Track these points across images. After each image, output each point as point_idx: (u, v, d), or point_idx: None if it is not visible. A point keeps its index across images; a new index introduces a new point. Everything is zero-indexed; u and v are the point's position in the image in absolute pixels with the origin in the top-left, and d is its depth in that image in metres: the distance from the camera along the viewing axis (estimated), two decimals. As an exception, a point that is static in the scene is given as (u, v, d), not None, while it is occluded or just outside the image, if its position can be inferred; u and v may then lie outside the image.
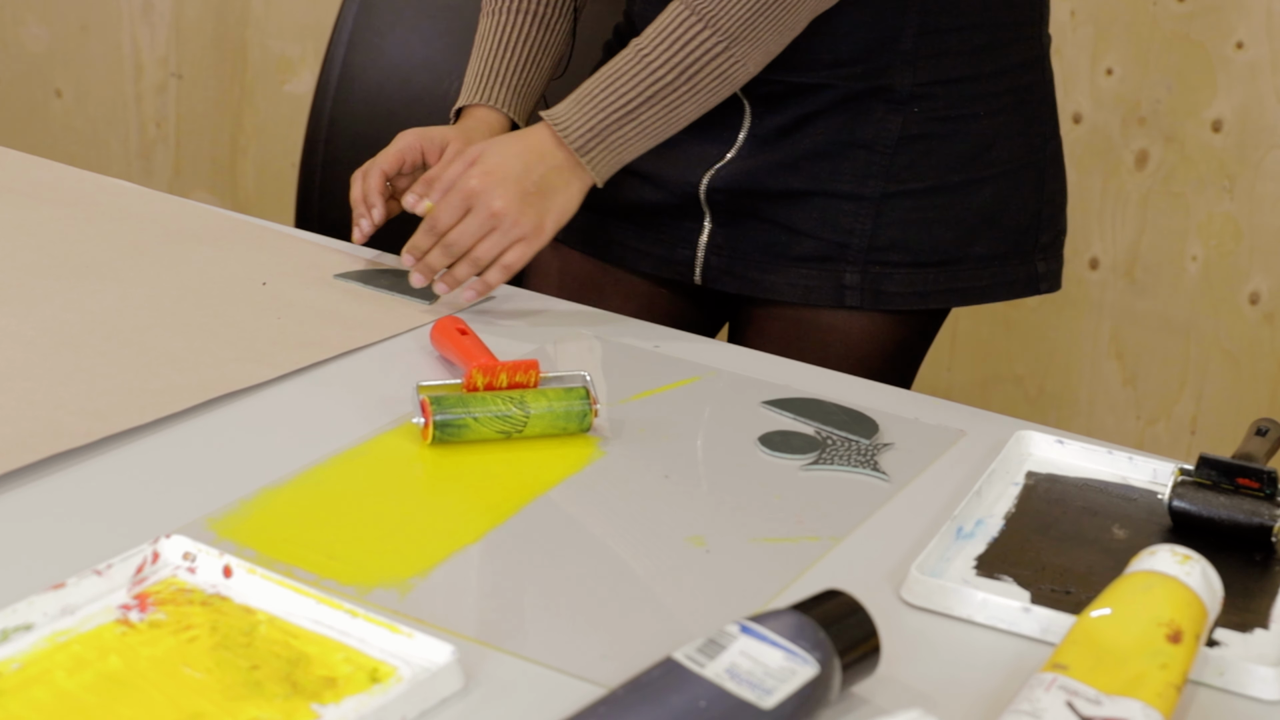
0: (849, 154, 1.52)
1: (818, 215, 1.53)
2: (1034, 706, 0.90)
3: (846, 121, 1.52)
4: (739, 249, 1.56)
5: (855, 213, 1.53)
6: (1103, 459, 1.23)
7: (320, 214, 2.02)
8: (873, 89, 1.51)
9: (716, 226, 1.56)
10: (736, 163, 1.54)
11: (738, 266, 1.56)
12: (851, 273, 1.53)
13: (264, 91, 3.08)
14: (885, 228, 1.53)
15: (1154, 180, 2.48)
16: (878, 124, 1.52)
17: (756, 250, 1.56)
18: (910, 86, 1.51)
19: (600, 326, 1.44)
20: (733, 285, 1.57)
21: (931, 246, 1.53)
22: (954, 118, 1.53)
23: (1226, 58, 2.40)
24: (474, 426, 1.20)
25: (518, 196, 1.40)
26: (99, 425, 1.18)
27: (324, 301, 1.42)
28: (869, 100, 1.51)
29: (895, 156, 1.52)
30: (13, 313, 1.35)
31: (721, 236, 1.57)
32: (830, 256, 1.53)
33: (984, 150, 1.55)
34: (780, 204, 1.54)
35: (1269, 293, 2.45)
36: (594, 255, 1.64)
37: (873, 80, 1.51)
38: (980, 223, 1.55)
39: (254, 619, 0.97)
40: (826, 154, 1.53)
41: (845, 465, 1.22)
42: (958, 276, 1.55)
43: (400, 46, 2.00)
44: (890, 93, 1.51)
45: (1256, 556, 1.12)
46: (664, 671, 0.89)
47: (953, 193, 1.54)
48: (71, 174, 1.69)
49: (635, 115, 1.43)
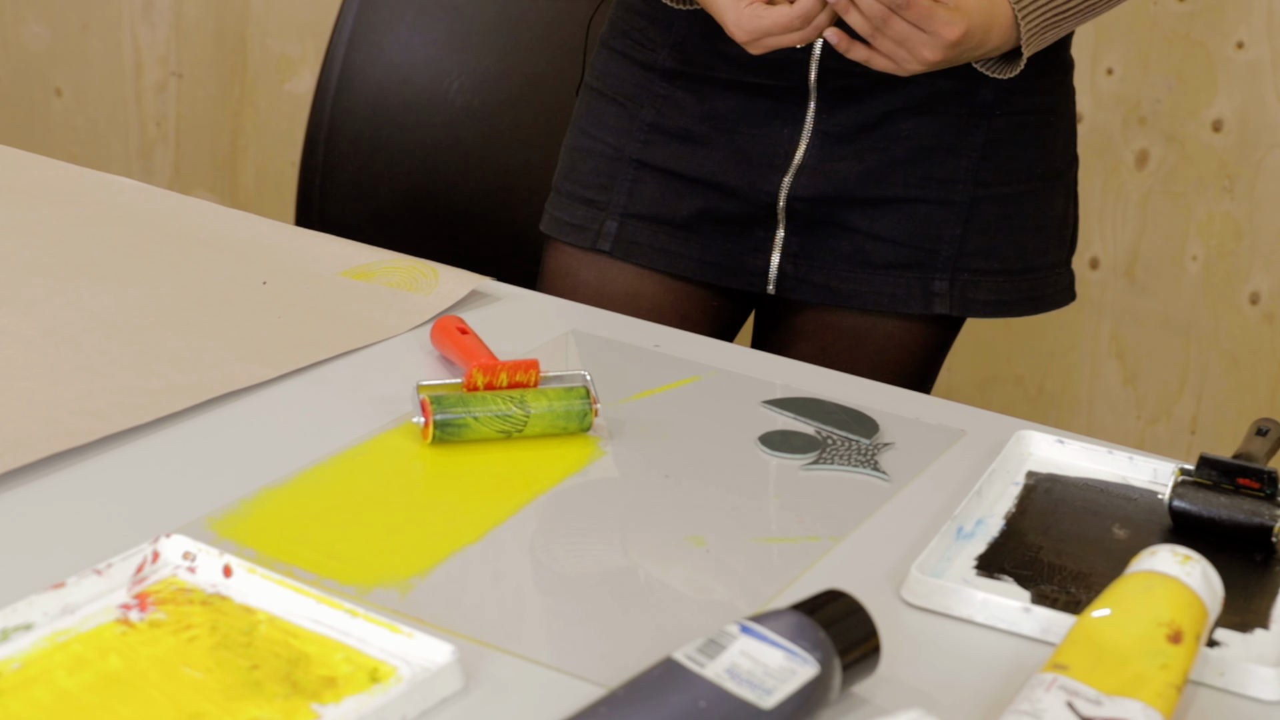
0: (938, 160, 1.52)
1: (905, 222, 1.51)
2: (1034, 706, 0.90)
3: (930, 126, 1.51)
4: (816, 257, 1.54)
5: (945, 219, 1.51)
6: (1103, 459, 1.23)
7: (320, 213, 2.03)
8: (954, 91, 1.50)
9: (791, 235, 1.54)
10: (812, 166, 1.51)
11: (816, 275, 1.54)
12: (941, 280, 1.52)
13: (264, 91, 3.08)
14: (973, 234, 1.52)
15: (1154, 180, 2.48)
16: (964, 129, 1.51)
17: (836, 258, 1.53)
18: (992, 93, 1.50)
19: (601, 326, 1.44)
20: (810, 294, 1.55)
21: (1017, 253, 1.52)
22: (1030, 121, 1.53)
23: (1227, 58, 2.40)
24: (474, 426, 1.20)
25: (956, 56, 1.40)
26: (99, 425, 1.18)
27: (324, 301, 1.42)
28: (952, 103, 1.50)
29: (983, 161, 1.51)
30: (13, 312, 1.35)
31: (797, 245, 1.54)
32: (919, 264, 1.52)
33: (1048, 152, 1.55)
34: (865, 211, 1.52)
35: (1269, 293, 2.45)
36: (655, 269, 1.58)
37: (954, 82, 1.49)
38: (1050, 229, 1.55)
39: (254, 618, 0.97)
40: (914, 159, 1.51)
41: (845, 465, 1.22)
42: (1035, 285, 1.55)
43: (400, 46, 2.00)
44: (973, 96, 1.50)
45: (1257, 556, 1.12)
46: (664, 671, 0.89)
47: (1034, 198, 1.54)
48: (72, 172, 1.68)
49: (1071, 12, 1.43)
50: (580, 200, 1.61)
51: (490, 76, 1.99)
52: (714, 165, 1.54)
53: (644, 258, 1.58)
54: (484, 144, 1.99)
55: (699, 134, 1.54)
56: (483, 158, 1.99)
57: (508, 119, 1.98)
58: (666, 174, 1.57)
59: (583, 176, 1.61)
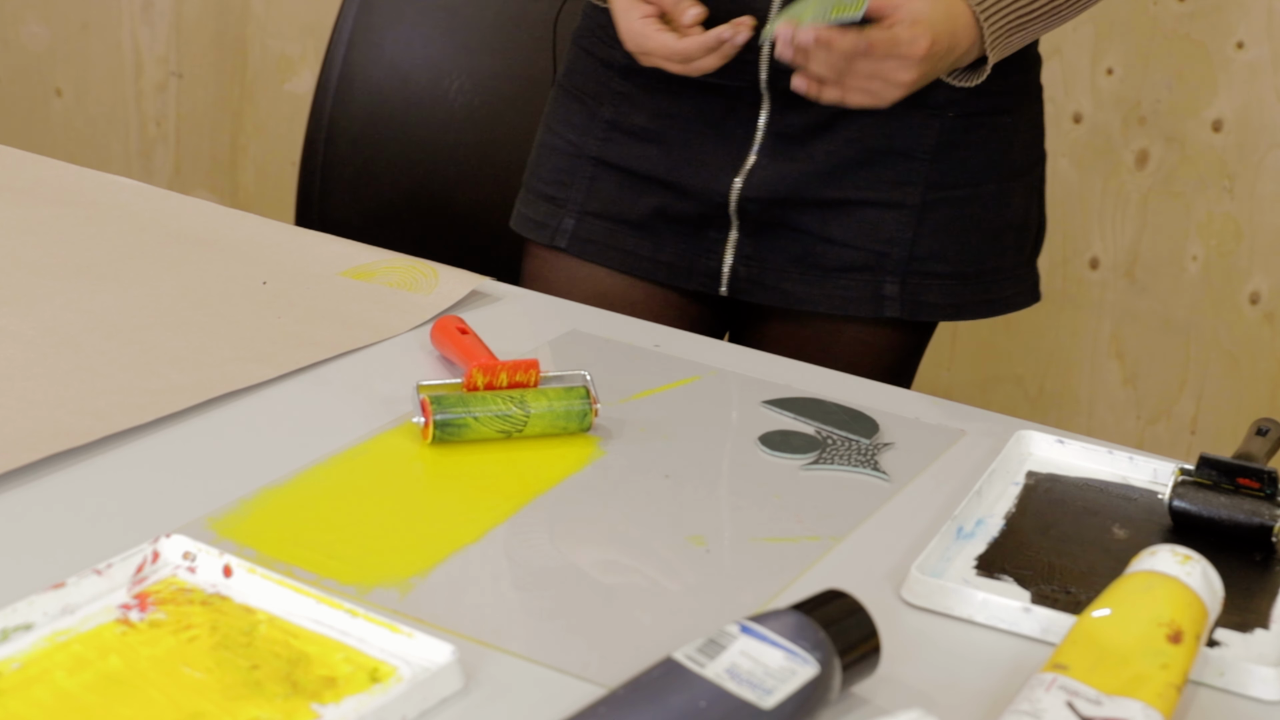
0: (888, 161, 1.50)
1: (856, 224, 1.50)
2: (1034, 706, 0.90)
3: (883, 127, 1.49)
4: (769, 259, 1.53)
5: (896, 221, 1.50)
6: (1103, 459, 1.23)
7: (320, 213, 2.03)
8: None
9: (744, 236, 1.53)
10: (765, 166, 1.50)
11: (769, 277, 1.53)
12: (891, 283, 1.50)
13: (264, 91, 3.08)
14: (925, 237, 1.51)
15: (1154, 180, 2.48)
16: (916, 130, 1.50)
17: (788, 260, 1.52)
18: (947, 94, 1.48)
19: (600, 326, 1.44)
20: (762, 296, 1.54)
21: (970, 256, 1.51)
22: (984, 122, 1.51)
23: (1227, 58, 2.40)
24: (474, 426, 1.20)
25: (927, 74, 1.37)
26: (99, 425, 1.18)
27: (324, 301, 1.42)
28: (903, 105, 1.47)
29: (934, 163, 1.50)
30: (13, 312, 1.35)
31: (750, 246, 1.53)
32: (869, 266, 1.51)
33: (1006, 152, 1.53)
34: (817, 213, 1.51)
35: (1269, 293, 2.45)
36: (609, 266, 1.58)
37: None
38: (1007, 230, 1.54)
39: (254, 618, 0.97)
40: (866, 161, 1.50)
41: (845, 465, 1.22)
42: (990, 289, 1.54)
43: (400, 46, 2.00)
44: (927, 99, 1.48)
45: (1257, 556, 1.12)
46: (664, 671, 0.89)
47: (990, 200, 1.52)
48: (72, 172, 1.68)
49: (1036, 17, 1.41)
50: (543, 197, 1.61)
51: (490, 76, 1.99)
52: (669, 164, 1.53)
53: (599, 255, 1.58)
54: (484, 144, 1.99)
55: (655, 133, 1.54)
56: (483, 158, 1.99)
57: (508, 119, 1.98)
58: (624, 172, 1.56)
59: (546, 173, 1.62)
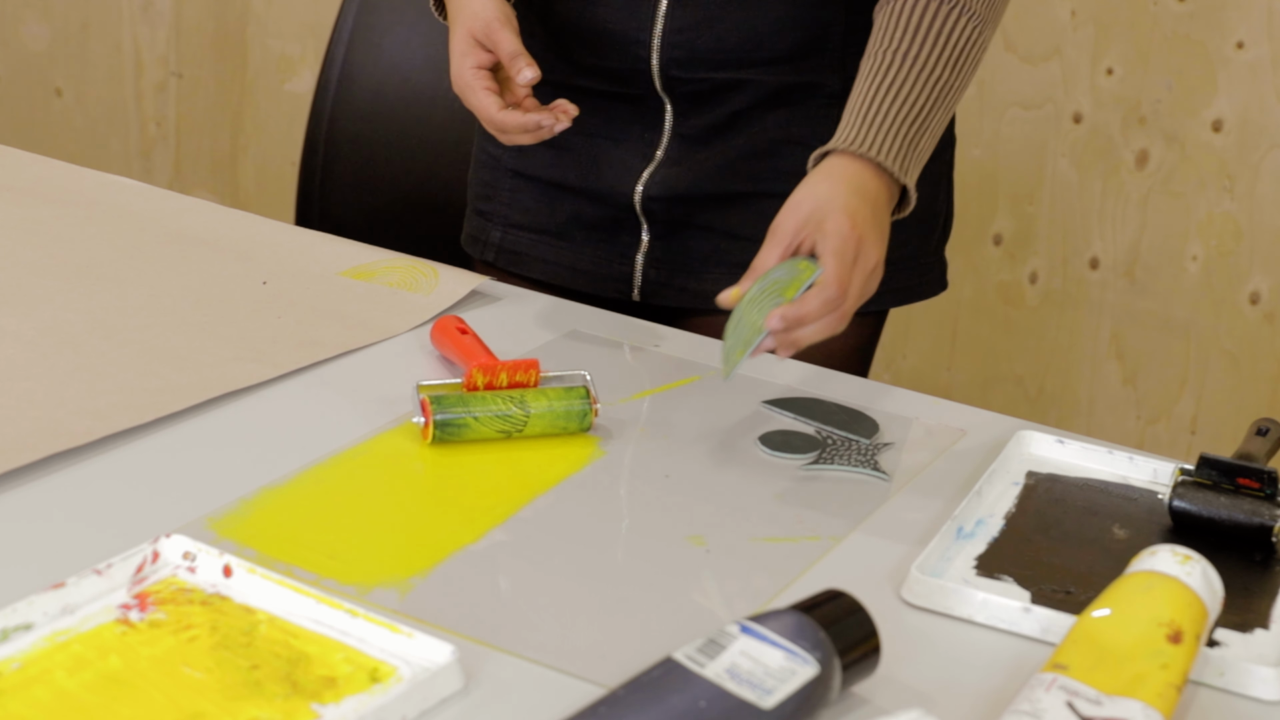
0: (786, 151, 1.49)
1: (758, 218, 1.45)
2: (1034, 707, 0.90)
3: (781, 119, 1.49)
4: (678, 260, 1.53)
5: None
6: (1103, 459, 1.23)
7: (320, 213, 2.03)
8: (803, 84, 1.48)
9: (654, 239, 1.53)
10: (669, 167, 1.50)
11: (678, 278, 1.53)
12: None
13: (264, 91, 3.08)
14: None
15: (1154, 180, 2.48)
16: (814, 120, 1.48)
17: (696, 260, 1.52)
18: (841, 83, 1.47)
19: (601, 326, 1.44)
20: (673, 298, 1.54)
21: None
22: None
23: (1226, 58, 2.40)
24: (474, 426, 1.20)
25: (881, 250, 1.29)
26: (99, 425, 1.18)
27: (324, 301, 1.42)
28: (801, 95, 1.48)
29: None
30: (13, 313, 1.35)
31: (660, 249, 1.53)
32: None
33: None
34: (719, 209, 1.51)
35: (1269, 293, 2.45)
36: (525, 276, 1.58)
37: (801, 76, 1.47)
38: (912, 221, 1.51)
39: (254, 619, 0.97)
40: (763, 153, 1.49)
41: (845, 465, 1.22)
42: (895, 278, 1.48)
43: (400, 46, 2.00)
44: (822, 89, 1.48)
45: (1257, 556, 1.12)
46: (664, 671, 0.89)
47: None
48: (72, 172, 1.68)
49: (929, 120, 1.35)
50: (475, 211, 1.63)
51: (490, 76, 1.98)
52: (580, 171, 1.54)
53: (524, 266, 1.59)
54: (484, 144, 1.98)
55: (566, 141, 1.53)
56: (483, 158, 1.98)
57: (508, 119, 1.98)
58: (541, 182, 1.57)
59: (475, 186, 1.64)
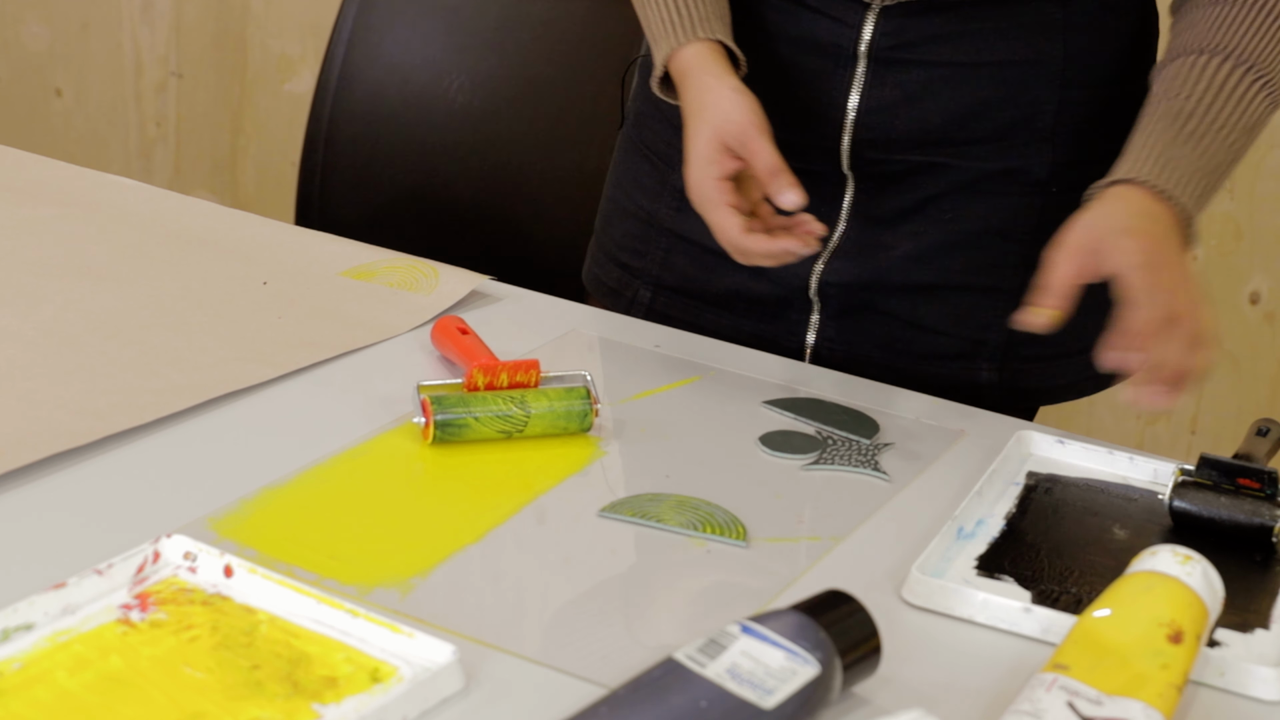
0: (983, 244, 1.39)
1: (949, 311, 1.40)
2: (1035, 707, 0.90)
3: (978, 207, 1.38)
4: (854, 340, 1.43)
5: (992, 307, 1.39)
6: (1103, 459, 1.23)
7: (320, 213, 2.03)
8: (1007, 170, 1.37)
9: (826, 319, 1.43)
10: (850, 250, 1.40)
11: (854, 360, 1.43)
12: (989, 370, 1.41)
13: (264, 91, 3.08)
14: None
15: (1154, 180, 2.48)
16: (1014, 209, 1.38)
17: (874, 345, 1.43)
18: (1049, 169, 1.37)
19: (600, 326, 1.44)
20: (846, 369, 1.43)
21: (1074, 335, 1.30)
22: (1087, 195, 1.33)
23: (1227, 58, 2.40)
24: (475, 426, 1.20)
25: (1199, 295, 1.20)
26: (99, 425, 1.18)
27: (324, 301, 1.42)
28: (1003, 182, 1.37)
29: (1035, 245, 1.29)
30: (13, 312, 1.35)
31: (833, 329, 1.43)
32: (964, 354, 1.41)
33: None
34: (904, 298, 1.41)
35: (1269, 293, 2.45)
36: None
37: (1006, 161, 1.37)
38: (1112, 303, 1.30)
39: (255, 619, 0.97)
40: (958, 245, 1.39)
41: (846, 465, 1.22)
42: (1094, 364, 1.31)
43: (400, 46, 2.00)
44: (1027, 174, 1.37)
45: (1257, 556, 1.12)
46: (664, 671, 0.89)
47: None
48: (72, 172, 1.68)
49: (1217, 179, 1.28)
50: (615, 262, 1.53)
51: (490, 76, 1.99)
52: None
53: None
54: (484, 144, 1.99)
55: None
56: (482, 158, 1.99)
57: (507, 119, 1.98)
58: (700, 248, 1.46)
59: (618, 237, 1.53)
